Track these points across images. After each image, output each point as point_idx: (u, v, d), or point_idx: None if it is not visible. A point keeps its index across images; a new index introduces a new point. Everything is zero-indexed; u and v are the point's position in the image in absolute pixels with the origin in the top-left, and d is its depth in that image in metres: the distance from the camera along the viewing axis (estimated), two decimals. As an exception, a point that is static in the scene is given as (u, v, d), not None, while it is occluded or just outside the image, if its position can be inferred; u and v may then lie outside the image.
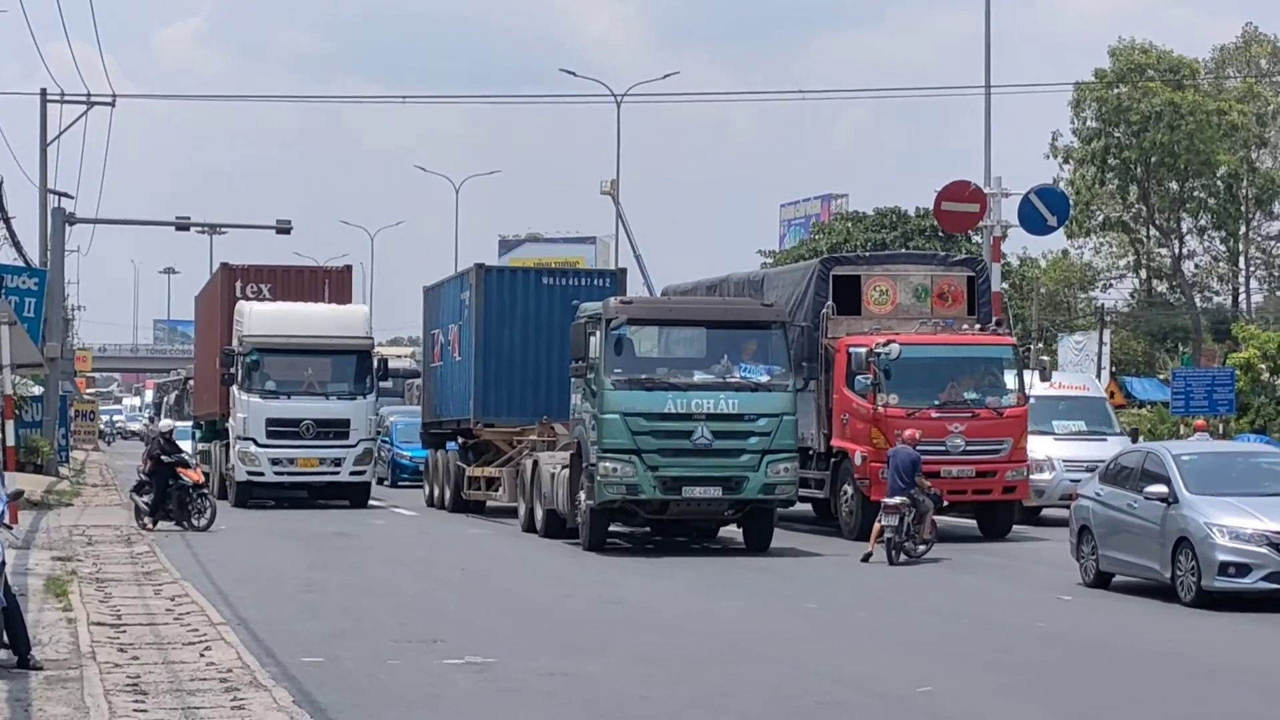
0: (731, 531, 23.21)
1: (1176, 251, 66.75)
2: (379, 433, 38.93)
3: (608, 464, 20.27)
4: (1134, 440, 29.76)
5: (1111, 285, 67.36)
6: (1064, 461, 26.12)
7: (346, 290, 37.72)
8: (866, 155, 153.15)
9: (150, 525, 26.19)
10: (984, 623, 15.84)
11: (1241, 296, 69.01)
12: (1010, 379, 25.37)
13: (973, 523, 25.29)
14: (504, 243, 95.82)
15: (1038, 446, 25.32)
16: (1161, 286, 68.58)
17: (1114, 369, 53.57)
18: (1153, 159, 61.55)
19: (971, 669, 12.92)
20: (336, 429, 32.66)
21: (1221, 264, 68.68)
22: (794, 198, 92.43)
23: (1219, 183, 62.80)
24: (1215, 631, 15.09)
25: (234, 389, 32.93)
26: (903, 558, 20.33)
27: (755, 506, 21.05)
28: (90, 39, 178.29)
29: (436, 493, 31.39)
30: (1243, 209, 64.63)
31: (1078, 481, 23.01)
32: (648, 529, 23.04)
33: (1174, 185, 63.91)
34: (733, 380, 20.81)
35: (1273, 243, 66.57)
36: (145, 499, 26.77)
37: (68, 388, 50.33)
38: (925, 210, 52.10)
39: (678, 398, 20.50)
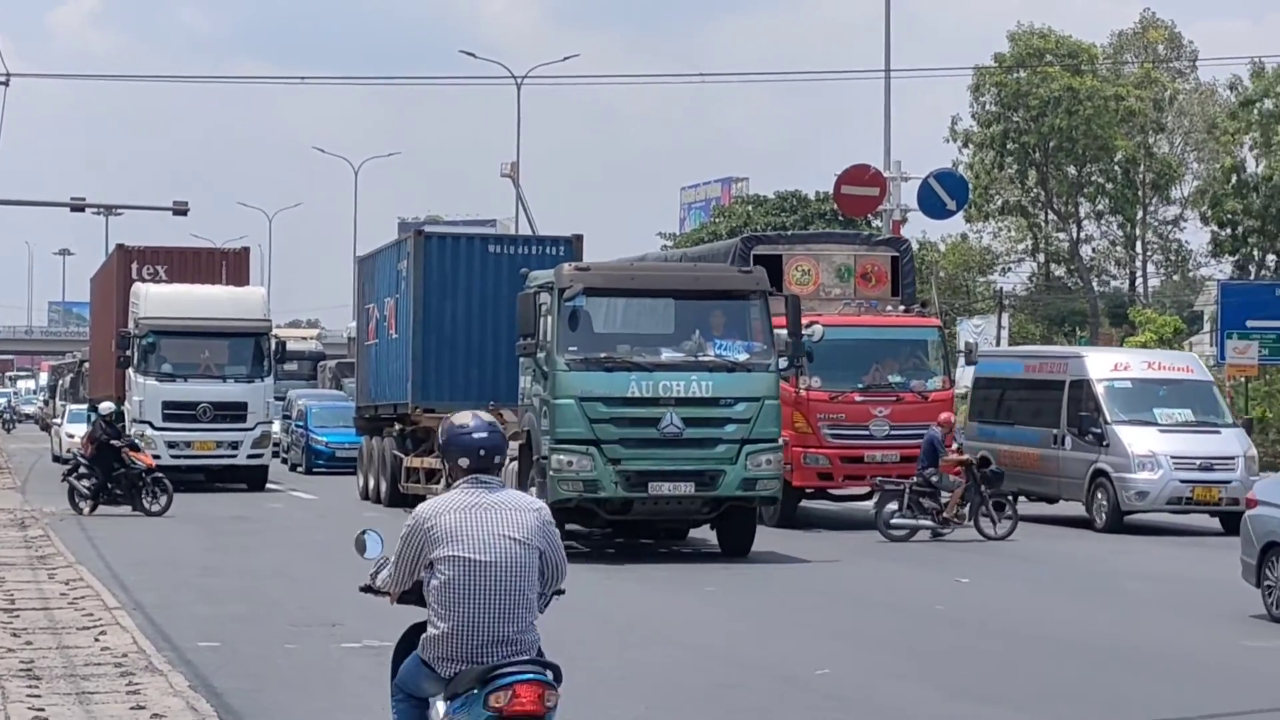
0: (705, 532, 20.94)
1: (1074, 236, 68.13)
2: (290, 417, 39.51)
3: (562, 456, 17.69)
4: (1249, 432, 26.91)
5: (1010, 269, 68.48)
6: (1172, 459, 22.53)
7: (244, 272, 37.96)
8: (767, 139, 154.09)
9: (87, 510, 26.06)
10: (901, 609, 15.90)
11: (1138, 281, 70.48)
12: (936, 362, 25.32)
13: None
14: (403, 225, 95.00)
15: (1138, 440, 22.67)
16: (1059, 270, 69.94)
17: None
18: (1051, 144, 62.76)
19: (874, 652, 13.11)
20: (234, 412, 32.89)
21: (1119, 248, 70.23)
22: (695, 181, 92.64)
23: (1116, 168, 64.20)
24: None
25: (130, 372, 33.07)
26: (898, 533, 21.19)
27: (733, 505, 18.64)
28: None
29: (371, 484, 28.34)
30: (1140, 194, 66.00)
31: (1189, 483, 22.08)
32: (608, 530, 20.70)
33: (1072, 170, 65.26)
34: (706, 359, 18.16)
35: (1169, 227, 68.01)
36: (85, 483, 26.57)
37: None
38: (825, 194, 52.65)
39: (642, 379, 17.86)
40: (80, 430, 31.56)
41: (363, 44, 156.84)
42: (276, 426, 37.60)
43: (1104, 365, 24.03)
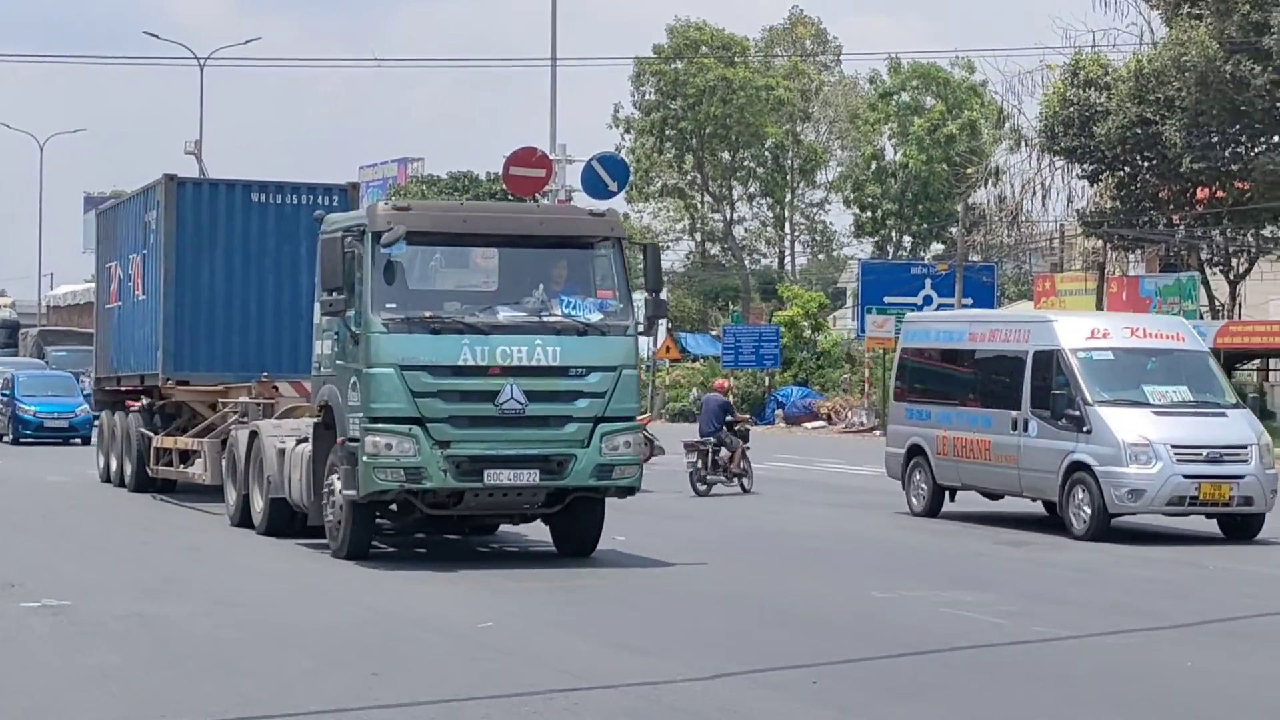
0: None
1: (728, 217, 71.14)
2: None
3: (378, 439, 14.18)
4: (1260, 412, 22.74)
5: (669, 247, 71.00)
6: (1173, 448, 17.83)
7: None
8: (443, 121, 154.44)
9: None
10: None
11: (787, 259, 73.95)
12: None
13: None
14: (89, 199, 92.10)
15: (1128, 424, 17.97)
16: (715, 249, 72.85)
17: (670, 326, 56.95)
18: (707, 130, 65.48)
19: (541, 607, 13.22)
20: None
21: (769, 229, 73.56)
22: (372, 161, 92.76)
23: (767, 153, 67.42)
24: None
25: None
26: (701, 488, 23.66)
27: (580, 496, 15.24)
28: None
29: (114, 465, 24.36)
30: (788, 178, 69.15)
31: (1195, 479, 17.64)
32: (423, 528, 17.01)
33: (726, 155, 68.22)
34: (553, 320, 14.82)
35: (815, 210, 71.53)
36: None
37: None
38: (496, 175, 53.94)
39: (476, 344, 14.44)
40: None
41: (46, 22, 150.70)
42: None
43: (1077, 332, 19.35)
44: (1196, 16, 40.86)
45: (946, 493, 20.50)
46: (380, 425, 14.20)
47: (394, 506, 15.20)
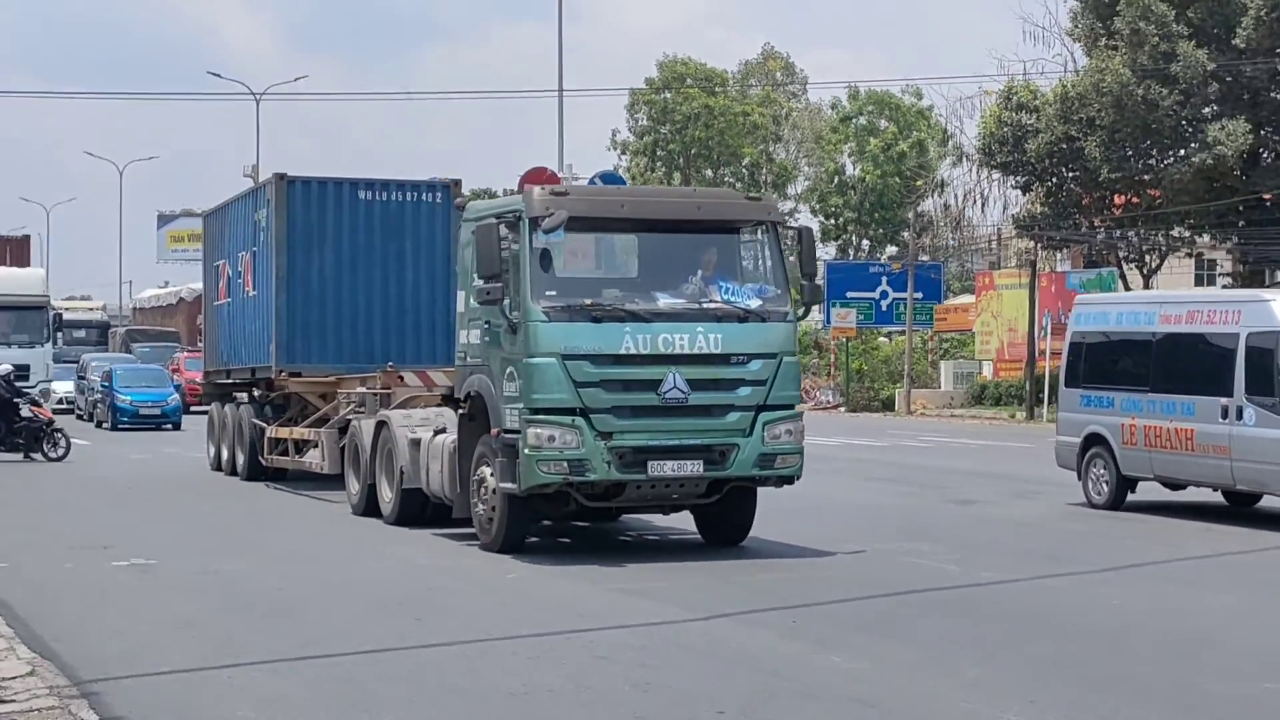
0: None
1: (712, 226, 71.65)
2: (84, 378, 39.10)
3: (541, 430, 12.14)
4: None
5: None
6: None
7: (25, 256, 39.96)
8: (464, 146, 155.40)
9: None
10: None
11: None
12: None
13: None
14: (162, 216, 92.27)
15: None
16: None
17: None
18: (692, 151, 66.17)
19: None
20: (18, 373, 32.29)
21: (747, 236, 74.08)
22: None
23: (744, 170, 67.89)
24: None
25: None
26: None
27: (740, 485, 13.06)
28: None
29: (225, 455, 22.40)
30: (763, 191, 69.86)
31: None
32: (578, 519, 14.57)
33: (709, 172, 68.64)
34: (713, 306, 12.76)
35: (786, 218, 72.24)
36: None
37: None
38: (511, 190, 54.44)
39: (639, 332, 12.40)
40: None
41: (120, 63, 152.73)
42: (64, 386, 37.75)
43: None
44: (1113, 48, 41.19)
45: (1130, 485, 16.70)
46: (542, 417, 12.08)
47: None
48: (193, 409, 35.42)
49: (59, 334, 37.24)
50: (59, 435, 26.39)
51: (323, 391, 19.33)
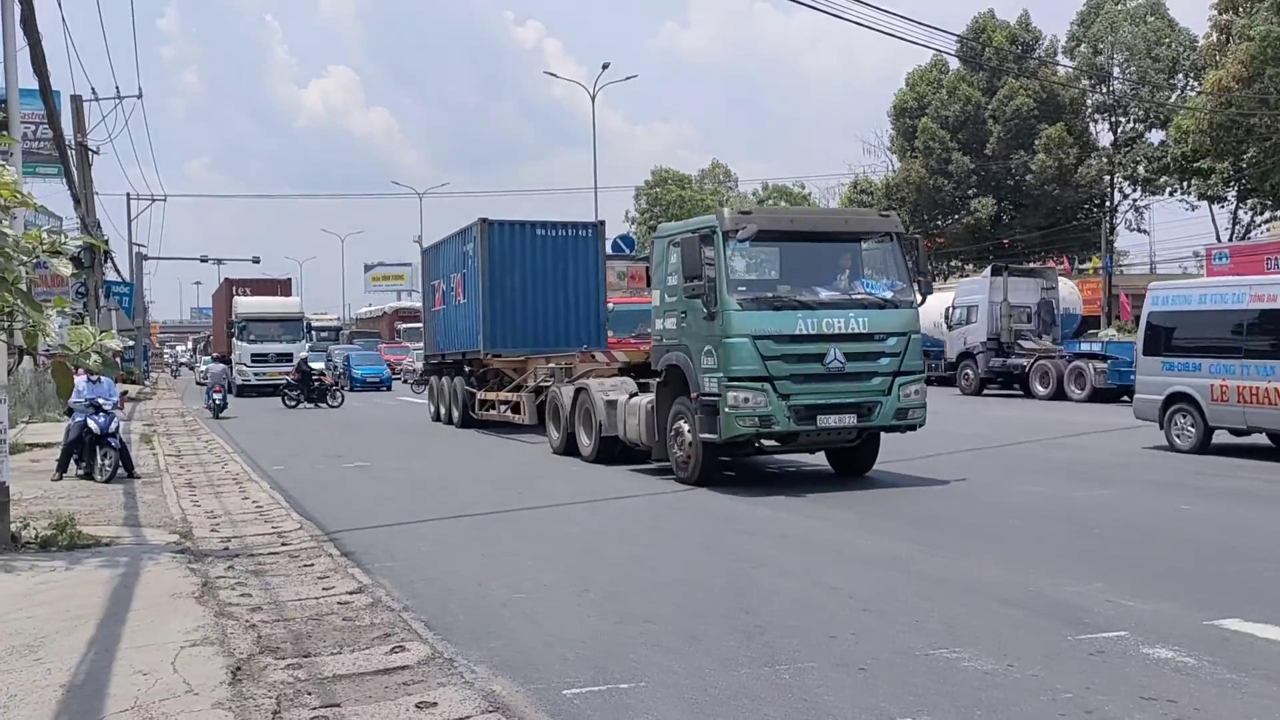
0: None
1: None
2: (332, 361, 44.39)
3: (738, 393, 13.16)
4: None
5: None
6: None
7: (289, 288, 49.25)
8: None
9: (294, 407, 30.81)
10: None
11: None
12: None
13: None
14: (367, 265, 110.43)
15: None
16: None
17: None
18: (673, 224, 77.72)
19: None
20: (286, 357, 40.30)
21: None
22: None
23: None
24: None
25: (234, 339, 42.61)
26: None
27: (875, 431, 14.55)
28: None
29: (443, 411, 26.26)
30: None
31: None
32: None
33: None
34: (860, 297, 13.92)
35: (906, 232, 79.90)
36: (293, 393, 31.74)
37: (145, 342, 60.21)
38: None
39: (808, 317, 13.42)
40: (216, 370, 36.04)
41: (345, 175, 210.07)
42: (318, 365, 41.16)
43: None
44: (914, 156, 58.93)
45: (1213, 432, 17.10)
46: (738, 383, 13.19)
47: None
48: (392, 378, 44.59)
49: (310, 334, 46.38)
50: (338, 392, 32.59)
51: (515, 366, 22.82)
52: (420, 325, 54.83)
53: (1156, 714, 5.40)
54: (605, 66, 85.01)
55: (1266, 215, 48.29)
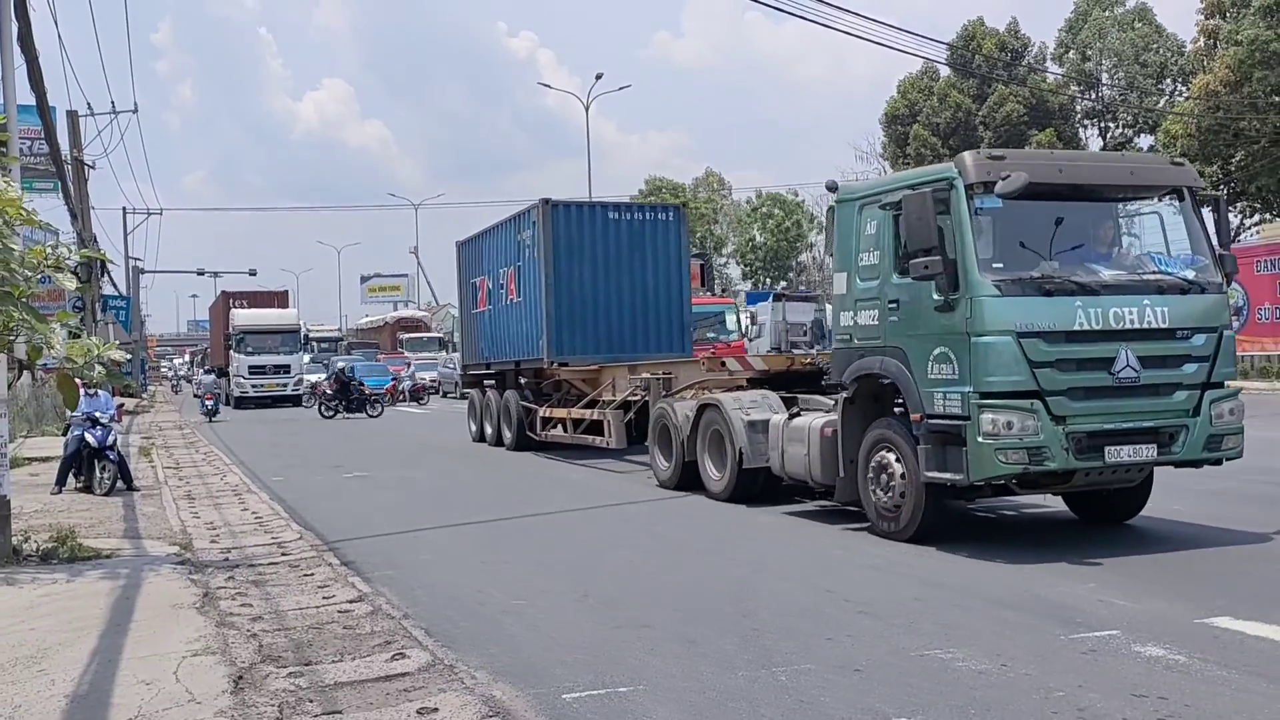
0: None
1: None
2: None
3: (998, 416, 9.09)
4: None
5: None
6: None
7: (286, 299, 48.91)
8: None
9: (331, 417, 30.62)
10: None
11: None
12: (731, 323, 30.35)
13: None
14: (363, 277, 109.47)
15: None
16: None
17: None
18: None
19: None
20: (284, 369, 42.19)
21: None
22: None
23: (697, 240, 76.70)
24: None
25: (231, 352, 43.06)
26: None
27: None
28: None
29: (489, 431, 22.09)
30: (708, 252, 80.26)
31: None
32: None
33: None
34: (1154, 277, 9.77)
35: (722, 266, 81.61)
36: (330, 403, 31.51)
37: (143, 355, 61.29)
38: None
39: (1089, 306, 9.35)
40: (206, 380, 38.12)
41: (339, 186, 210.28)
42: (316, 378, 43.39)
43: None
44: (907, 163, 55.93)
45: None
46: (997, 401, 9.12)
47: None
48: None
49: (311, 345, 47.36)
50: (378, 403, 32.05)
51: (586, 377, 18.93)
52: (422, 335, 59.43)
53: (1147, 710, 5.46)
54: (599, 77, 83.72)
55: (1256, 218, 49.28)
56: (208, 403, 32.21)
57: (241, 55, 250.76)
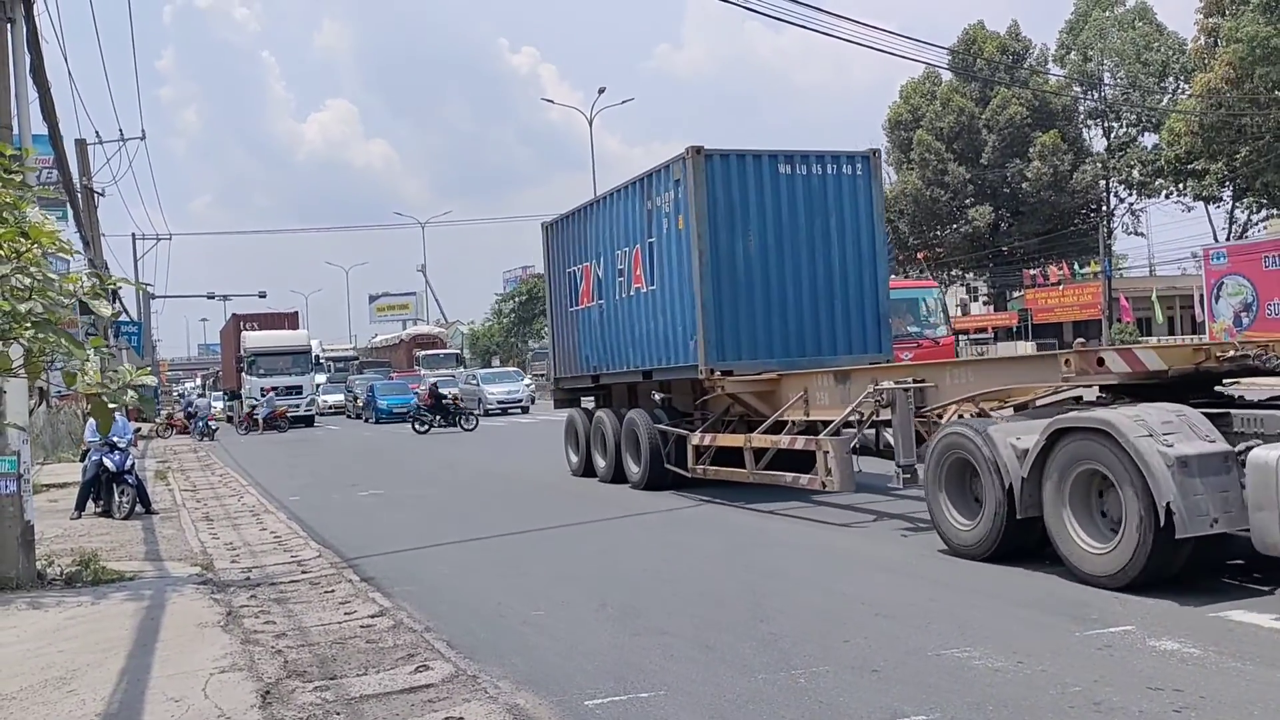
0: None
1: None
2: (352, 391, 47.03)
3: None
4: None
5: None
6: None
7: (296, 321, 49.21)
8: (536, 246, 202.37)
9: (425, 431, 30.82)
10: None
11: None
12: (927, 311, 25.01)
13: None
14: (371, 296, 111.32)
15: None
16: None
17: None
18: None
19: None
20: (295, 390, 42.88)
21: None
22: (510, 267, 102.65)
23: None
24: None
25: (243, 374, 43.67)
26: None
27: None
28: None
29: (602, 464, 17.02)
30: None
31: None
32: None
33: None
34: None
35: None
36: (425, 416, 31.66)
37: (155, 378, 58.25)
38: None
39: None
40: (219, 405, 41.97)
41: (347, 206, 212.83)
42: (335, 396, 45.22)
43: None
44: (910, 168, 60.03)
45: None
46: None
47: None
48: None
49: (324, 366, 49.34)
50: (472, 415, 31.92)
51: (760, 391, 14.21)
52: (439, 352, 58.48)
53: (1163, 702, 5.49)
54: (601, 91, 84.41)
55: (1263, 214, 49.43)
56: (208, 424, 34.33)
57: (245, 79, 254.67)
